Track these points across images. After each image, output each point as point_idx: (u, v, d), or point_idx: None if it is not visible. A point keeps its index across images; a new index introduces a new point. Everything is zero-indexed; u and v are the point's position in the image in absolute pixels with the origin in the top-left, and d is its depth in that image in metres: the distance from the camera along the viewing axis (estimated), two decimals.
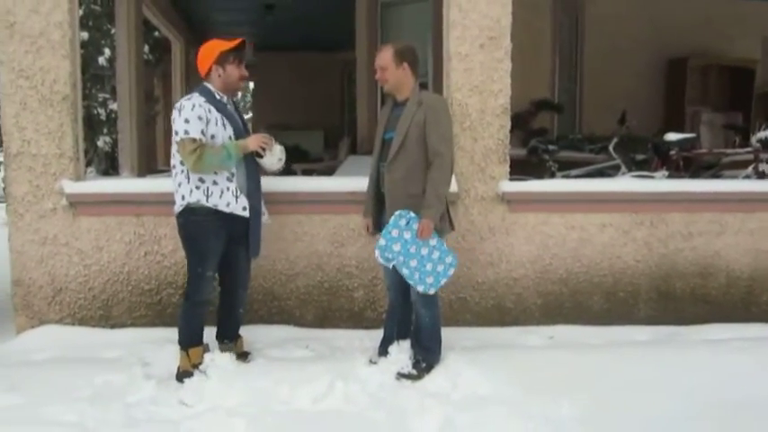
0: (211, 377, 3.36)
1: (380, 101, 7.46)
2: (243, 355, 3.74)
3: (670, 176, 5.73)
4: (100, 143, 11.14)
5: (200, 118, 3.38)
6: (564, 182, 5.13)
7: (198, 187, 3.44)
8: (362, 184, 3.79)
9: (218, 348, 3.70)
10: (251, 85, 14.37)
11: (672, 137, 6.08)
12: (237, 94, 3.86)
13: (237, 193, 3.52)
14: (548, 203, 4.47)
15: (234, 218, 3.53)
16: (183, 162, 3.43)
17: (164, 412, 3.08)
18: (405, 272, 3.37)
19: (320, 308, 4.42)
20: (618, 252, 4.52)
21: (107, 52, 10.72)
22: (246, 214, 3.55)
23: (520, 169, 5.04)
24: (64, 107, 4.17)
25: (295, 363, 3.65)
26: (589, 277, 4.51)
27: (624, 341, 4.11)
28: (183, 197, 3.47)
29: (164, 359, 3.65)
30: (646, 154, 6.39)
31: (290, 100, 12.77)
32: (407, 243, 3.32)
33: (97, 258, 4.27)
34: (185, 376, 3.42)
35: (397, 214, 3.33)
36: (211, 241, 3.50)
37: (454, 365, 3.51)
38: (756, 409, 3.02)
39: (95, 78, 10.93)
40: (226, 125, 3.48)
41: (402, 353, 3.59)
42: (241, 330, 3.85)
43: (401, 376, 3.43)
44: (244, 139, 3.52)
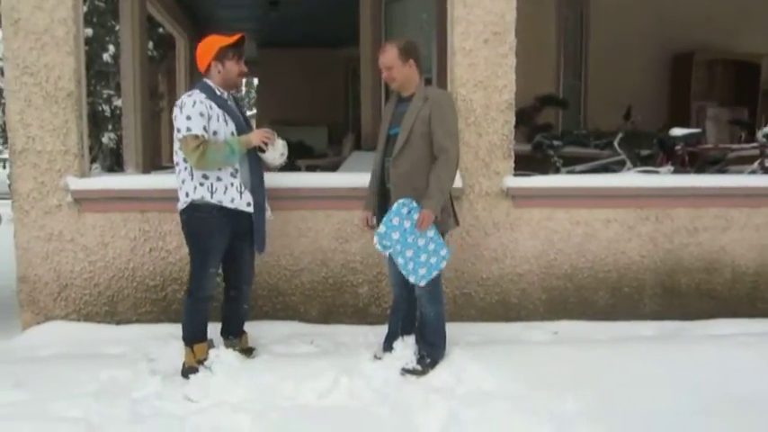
0: (216, 373, 3.37)
1: (384, 97, 7.46)
2: (248, 351, 3.74)
3: (675, 172, 5.71)
4: (104, 140, 11.13)
5: (202, 114, 3.37)
6: (569, 177, 5.13)
7: (202, 184, 3.44)
8: (366, 179, 3.78)
9: (222, 344, 3.70)
10: (255, 81, 14.36)
11: (677, 132, 6.07)
12: (239, 89, 3.85)
13: (242, 188, 3.52)
14: (552, 199, 4.46)
15: (238, 214, 3.53)
16: (186, 159, 3.42)
17: (169, 408, 3.09)
18: (400, 261, 3.36)
19: (325, 303, 4.42)
20: (623, 247, 4.51)
21: (111, 49, 10.69)
22: (251, 210, 3.55)
23: (524, 165, 5.03)
24: (68, 104, 4.18)
25: (300, 358, 3.66)
26: (594, 272, 4.50)
27: (629, 336, 4.10)
28: (186, 194, 3.46)
29: (169, 355, 3.67)
30: (651, 149, 6.38)
31: (295, 96, 12.77)
32: (406, 232, 3.31)
33: (102, 254, 4.28)
34: (190, 372, 3.43)
35: (401, 202, 3.31)
36: (215, 238, 3.50)
37: (459, 361, 3.51)
38: (762, 404, 3.02)
39: (100, 75, 10.91)
40: (228, 121, 3.48)
41: (407, 348, 3.59)
42: (246, 326, 3.86)
43: (406, 372, 3.43)
44: (246, 135, 3.52)
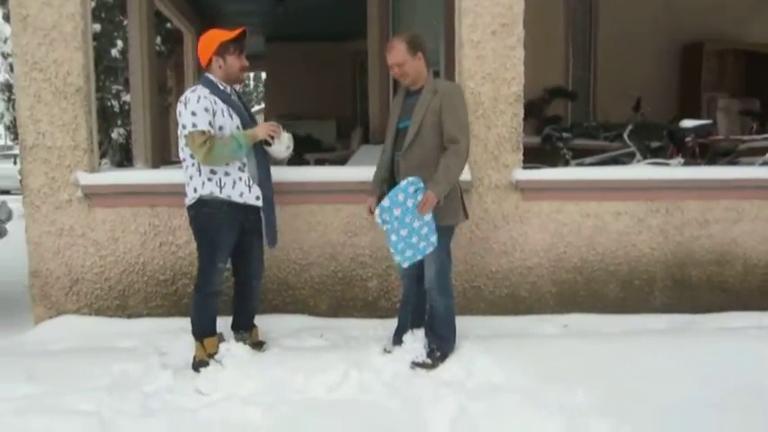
0: (227, 366, 3.38)
1: (392, 90, 7.45)
2: (258, 345, 3.76)
3: (686, 164, 5.68)
4: (114, 135, 11.19)
5: (207, 110, 3.36)
6: (578, 170, 5.10)
7: (210, 179, 3.43)
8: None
9: (233, 338, 3.72)
10: (263, 75, 14.35)
11: (687, 123, 6.03)
12: (243, 83, 3.84)
13: (250, 182, 3.52)
14: (562, 191, 4.45)
15: (246, 208, 3.53)
16: (193, 155, 3.41)
17: (180, 401, 3.10)
18: (392, 238, 3.33)
19: (334, 297, 4.43)
20: (633, 240, 4.49)
21: (120, 44, 10.73)
22: (260, 203, 3.55)
23: (534, 157, 5.02)
24: (77, 99, 4.20)
25: (309, 352, 3.67)
26: (604, 265, 4.49)
27: (640, 329, 4.08)
28: (195, 189, 3.46)
29: (180, 349, 3.68)
30: (661, 141, 6.34)
31: (303, 90, 12.77)
32: (407, 211, 3.27)
33: (113, 249, 4.30)
34: (201, 366, 3.44)
35: (410, 180, 3.27)
36: (224, 233, 3.50)
37: (468, 354, 3.51)
38: None
39: (108, 70, 10.96)
40: (233, 115, 3.47)
41: (416, 342, 3.59)
42: (256, 320, 3.87)
43: (415, 365, 3.43)
44: (252, 129, 3.51)
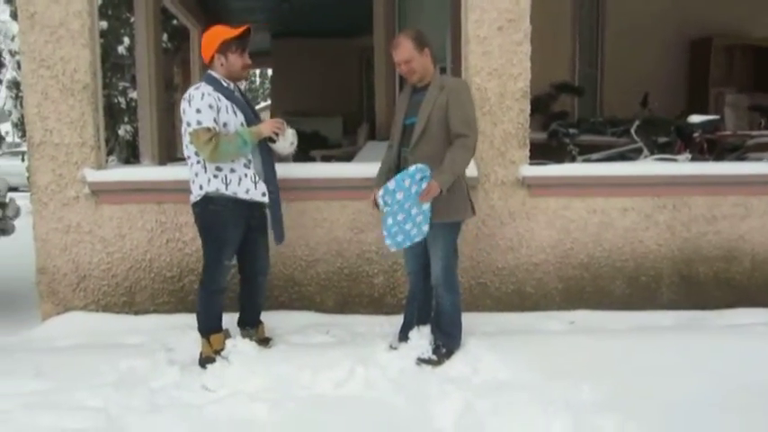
0: (233, 363, 3.39)
1: (399, 87, 7.43)
2: (264, 341, 3.76)
3: (693, 159, 5.65)
4: (121, 132, 11.21)
5: (211, 107, 3.35)
6: (585, 166, 5.08)
7: (216, 176, 3.43)
8: None
9: (239, 334, 3.73)
10: (269, 72, 14.34)
11: (695, 119, 6.00)
12: (246, 80, 3.83)
13: (256, 179, 3.52)
14: (568, 188, 4.43)
15: (252, 205, 3.54)
16: (198, 152, 3.41)
17: (187, 397, 3.12)
18: (388, 221, 3.31)
19: (340, 294, 4.43)
20: (640, 236, 4.47)
21: (126, 41, 10.75)
22: (266, 200, 3.55)
23: (540, 153, 5.00)
24: (85, 96, 4.21)
25: (316, 348, 3.68)
26: (611, 262, 4.47)
27: (646, 326, 4.07)
28: (200, 187, 3.45)
29: (187, 345, 3.70)
30: (668, 137, 6.30)
31: (309, 86, 12.75)
32: (408, 197, 3.25)
33: (120, 246, 4.32)
34: (208, 362, 3.45)
35: (419, 167, 3.24)
36: (229, 230, 3.50)
37: (475, 351, 3.51)
38: None
39: (115, 67, 10.98)
40: (237, 112, 3.46)
41: (422, 338, 3.59)
42: (262, 316, 3.88)
43: (421, 361, 3.43)
44: (257, 125, 3.51)
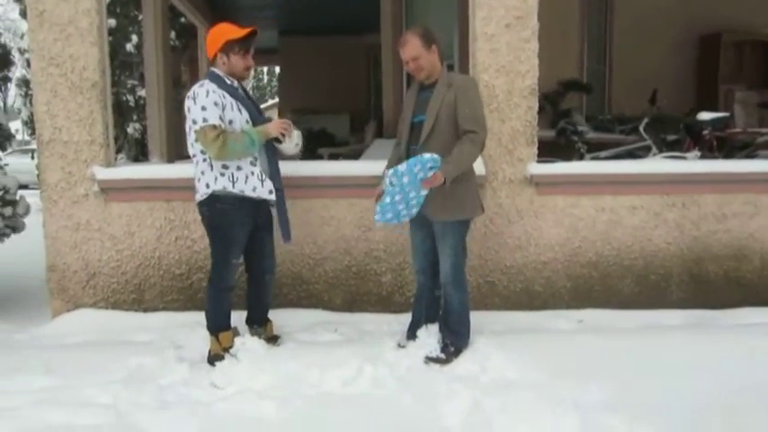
0: (242, 360, 3.41)
1: (406, 84, 7.42)
2: (273, 339, 3.77)
3: (702, 157, 5.63)
4: (129, 130, 11.24)
5: (216, 104, 3.34)
6: (593, 163, 5.06)
7: (222, 174, 3.42)
8: None
9: (248, 332, 3.74)
10: (277, 69, 14.36)
11: (704, 116, 5.97)
12: (253, 79, 3.82)
13: (263, 176, 3.52)
14: (577, 186, 4.41)
15: (258, 203, 3.54)
16: (203, 150, 3.41)
17: (195, 394, 3.13)
18: (386, 200, 3.29)
19: (348, 292, 4.44)
20: (649, 235, 4.45)
21: (135, 39, 10.78)
22: (273, 197, 3.56)
23: (548, 151, 4.98)
24: (93, 94, 4.22)
25: (324, 346, 3.68)
26: (619, 260, 4.46)
27: (655, 325, 4.06)
28: (207, 185, 3.44)
29: (195, 342, 3.71)
30: (677, 134, 6.28)
31: (317, 84, 12.76)
32: (413, 182, 3.24)
33: (129, 243, 4.34)
34: (216, 359, 3.47)
35: (433, 157, 3.20)
36: (236, 229, 3.50)
37: (483, 349, 3.50)
38: None
39: (123, 65, 11.00)
40: (241, 109, 3.45)
41: (430, 337, 3.59)
42: (270, 314, 3.89)
43: (429, 360, 3.43)
44: (265, 126, 3.50)
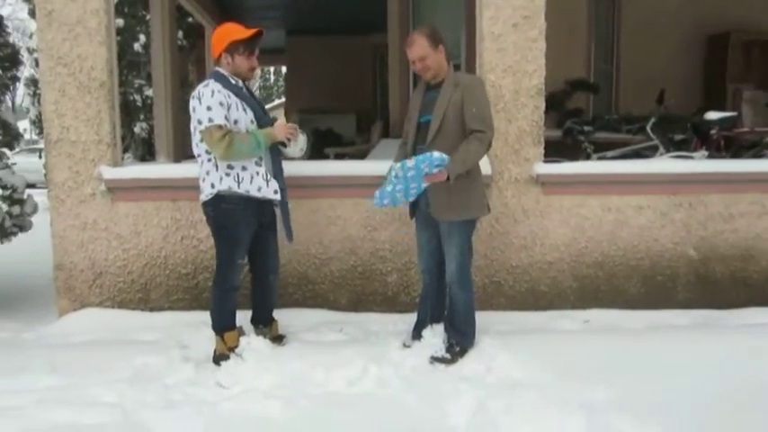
0: (247, 360, 3.41)
1: (413, 84, 7.41)
2: (278, 339, 3.78)
3: (710, 157, 5.60)
4: (137, 129, 11.28)
5: (222, 104, 3.34)
6: (600, 163, 5.05)
7: (228, 174, 3.42)
8: None
9: (253, 332, 3.74)
10: (283, 69, 14.38)
11: (712, 116, 5.94)
12: (259, 79, 3.82)
13: (268, 176, 3.52)
14: (583, 186, 4.40)
15: (263, 203, 3.55)
16: (208, 150, 3.41)
17: (201, 394, 3.13)
18: (387, 188, 3.27)
19: (354, 292, 4.44)
20: (655, 235, 4.43)
21: (142, 39, 10.81)
22: (278, 197, 3.56)
23: (555, 151, 4.97)
24: (101, 94, 4.24)
25: (329, 346, 3.69)
26: (626, 260, 4.44)
27: (661, 325, 4.05)
28: (212, 185, 3.44)
29: (201, 342, 3.71)
30: (685, 134, 6.25)
31: (323, 84, 12.76)
32: (417, 175, 3.21)
33: (135, 243, 4.35)
34: (222, 359, 3.47)
35: (443, 157, 3.15)
36: (241, 229, 3.50)
37: (488, 350, 3.50)
38: None
39: (131, 65, 11.04)
40: (246, 109, 3.46)
41: (436, 337, 3.58)
42: (276, 314, 3.90)
43: (435, 360, 3.43)
44: (271, 128, 3.50)
